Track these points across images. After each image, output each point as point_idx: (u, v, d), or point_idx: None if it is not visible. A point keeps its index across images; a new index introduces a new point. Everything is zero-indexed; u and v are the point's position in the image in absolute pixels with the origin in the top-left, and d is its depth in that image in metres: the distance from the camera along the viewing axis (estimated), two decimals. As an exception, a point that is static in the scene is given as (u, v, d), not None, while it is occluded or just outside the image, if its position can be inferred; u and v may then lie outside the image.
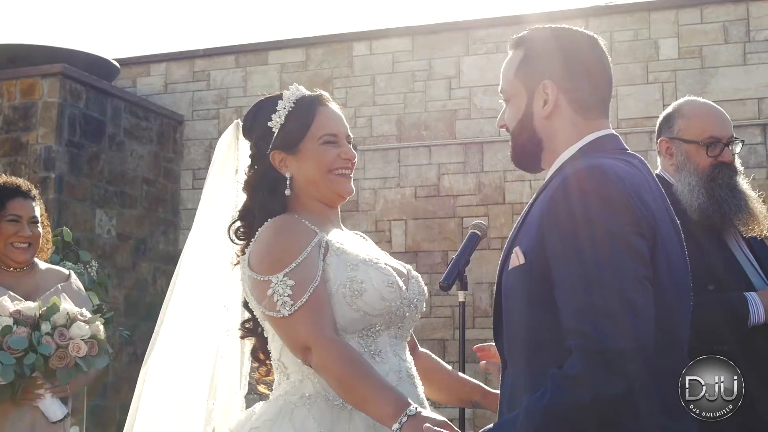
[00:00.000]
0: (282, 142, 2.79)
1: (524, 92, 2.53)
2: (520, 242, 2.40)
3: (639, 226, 2.23)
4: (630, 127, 9.45)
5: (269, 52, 10.97)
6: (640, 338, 2.14)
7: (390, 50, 10.47)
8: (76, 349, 4.04)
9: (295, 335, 2.56)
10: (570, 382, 2.11)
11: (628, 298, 2.15)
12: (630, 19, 9.75)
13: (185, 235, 11.04)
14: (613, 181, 2.24)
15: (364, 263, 2.69)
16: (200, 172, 10.92)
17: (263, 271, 2.62)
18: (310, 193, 2.80)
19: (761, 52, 9.28)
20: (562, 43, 2.55)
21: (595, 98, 2.52)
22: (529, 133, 2.53)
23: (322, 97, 2.88)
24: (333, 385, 2.53)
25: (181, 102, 11.12)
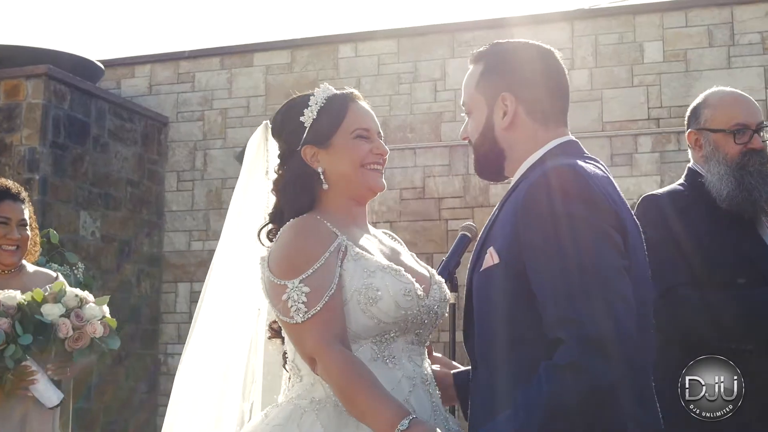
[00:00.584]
0: (314, 137, 2.78)
1: (485, 104, 2.64)
2: (493, 243, 2.46)
3: (614, 220, 2.32)
4: (615, 130, 9.48)
5: (254, 54, 10.94)
6: (629, 326, 2.20)
7: (375, 52, 10.46)
8: (93, 329, 4.07)
9: (303, 343, 2.56)
10: (567, 372, 2.15)
11: (614, 287, 2.23)
12: (615, 23, 9.77)
13: (170, 237, 11.13)
14: (587, 179, 2.35)
15: (382, 270, 2.66)
16: (185, 174, 10.90)
17: (280, 274, 2.60)
18: (340, 189, 2.79)
19: (745, 55, 9.31)
20: (520, 57, 2.66)
21: (553, 108, 2.63)
22: (490, 144, 2.63)
23: (354, 94, 2.88)
24: (337, 395, 2.53)
25: (165, 103, 11.09)
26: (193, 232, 10.77)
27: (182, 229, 10.82)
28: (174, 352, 10.56)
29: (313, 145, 2.78)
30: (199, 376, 3.11)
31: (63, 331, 4.02)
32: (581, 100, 9.52)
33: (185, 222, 10.83)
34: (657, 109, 9.47)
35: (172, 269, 10.77)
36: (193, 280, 10.64)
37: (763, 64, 9.24)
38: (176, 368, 3.19)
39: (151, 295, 10.62)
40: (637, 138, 9.48)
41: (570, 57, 9.71)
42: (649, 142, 9.44)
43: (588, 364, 2.14)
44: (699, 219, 3.39)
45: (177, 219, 10.87)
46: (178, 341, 10.57)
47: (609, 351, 2.15)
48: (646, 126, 9.48)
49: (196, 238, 10.75)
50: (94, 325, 4.10)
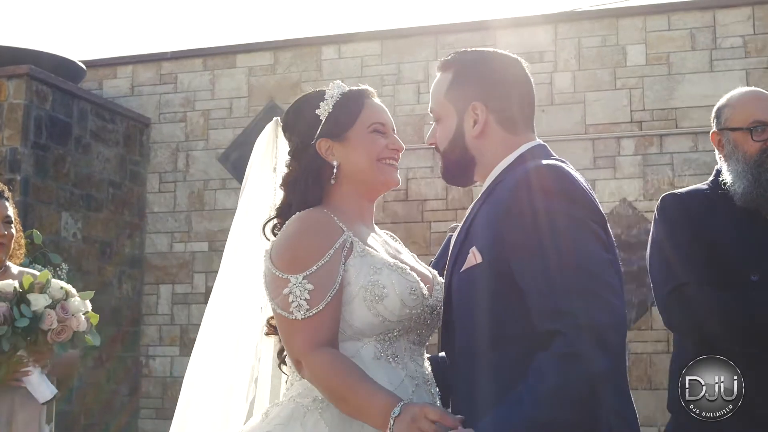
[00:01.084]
0: (329, 130, 2.78)
1: (454, 113, 2.69)
2: (474, 243, 2.49)
3: (596, 216, 2.42)
4: (597, 133, 9.49)
5: (237, 56, 10.92)
6: (621, 316, 2.28)
7: (359, 54, 10.45)
8: (77, 323, 4.04)
9: (293, 341, 2.55)
10: (569, 359, 2.19)
11: (605, 280, 2.30)
12: (598, 26, 9.78)
13: (151, 239, 11.09)
14: (569, 177, 2.42)
15: (388, 267, 2.65)
16: (167, 175, 10.86)
17: (283, 267, 2.58)
18: (354, 183, 2.79)
19: (727, 59, 9.35)
20: (489, 67, 2.70)
21: (521, 116, 2.69)
22: (461, 151, 2.68)
23: (369, 91, 2.89)
24: (327, 396, 2.53)
25: (147, 105, 11.05)
26: (175, 233, 10.74)
27: (164, 230, 10.78)
28: (155, 354, 10.53)
29: (328, 139, 2.78)
30: (206, 376, 3.09)
31: (48, 322, 3.97)
32: (564, 102, 9.53)
33: (167, 223, 10.79)
34: (640, 111, 9.49)
35: (153, 271, 10.73)
36: (174, 282, 10.61)
37: (745, 68, 9.28)
38: (157, 370, 3.18)
39: (133, 296, 10.57)
40: (620, 141, 9.49)
41: (553, 60, 9.73)
42: (632, 145, 9.46)
43: (587, 352, 2.19)
44: (718, 217, 3.43)
45: (159, 220, 10.84)
46: (160, 343, 10.54)
47: (606, 340, 2.21)
48: (629, 129, 9.50)
49: (178, 239, 10.71)
50: (79, 318, 4.07)
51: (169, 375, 10.43)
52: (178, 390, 3.16)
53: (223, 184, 10.65)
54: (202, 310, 2.97)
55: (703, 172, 9.13)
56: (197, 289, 10.53)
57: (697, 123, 9.28)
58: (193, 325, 10.42)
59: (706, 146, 9.21)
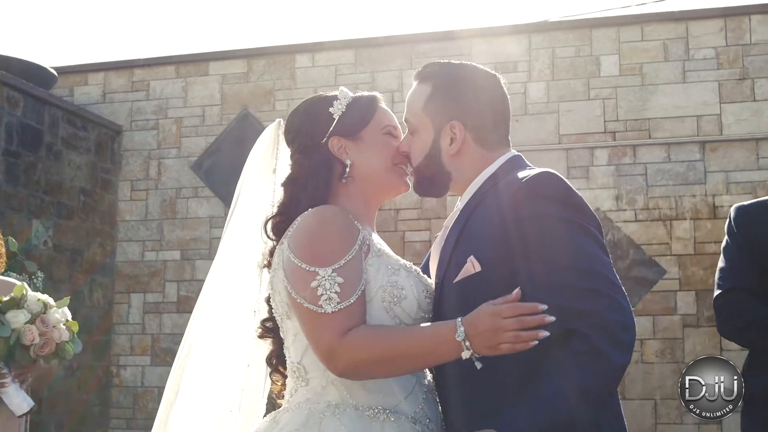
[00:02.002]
0: (342, 128, 2.76)
1: (431, 128, 2.70)
2: (471, 252, 2.49)
3: (595, 222, 2.46)
4: (571, 143, 9.51)
5: (210, 63, 10.86)
6: (630, 314, 2.35)
7: (332, 62, 10.43)
8: (58, 335, 3.98)
9: (323, 336, 2.45)
10: (590, 356, 2.26)
11: (613, 281, 2.38)
12: (572, 36, 9.81)
13: (122, 247, 10.99)
14: (566, 184, 2.46)
15: (405, 269, 2.63)
16: (138, 183, 10.79)
17: (309, 260, 2.50)
18: (365, 184, 2.76)
19: (700, 70, 9.39)
20: (470, 84, 2.72)
21: (498, 133, 2.73)
22: (437, 167, 2.70)
23: (378, 97, 2.88)
24: (382, 370, 2.46)
25: (119, 112, 10.97)
26: (147, 242, 10.66)
27: (135, 239, 10.71)
28: (126, 364, 10.44)
29: (341, 137, 2.76)
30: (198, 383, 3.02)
31: (29, 338, 3.92)
32: (538, 112, 9.54)
33: (138, 232, 10.72)
34: (613, 122, 9.51)
35: (124, 279, 10.65)
36: (146, 291, 10.54)
37: (718, 79, 9.33)
38: (128, 380, 3.13)
39: (103, 305, 10.49)
40: (594, 151, 9.51)
41: (527, 70, 9.75)
42: (606, 155, 9.48)
43: (607, 349, 2.26)
44: None
45: (130, 229, 10.76)
46: (131, 353, 10.46)
47: (620, 338, 2.29)
48: (603, 139, 9.52)
49: (150, 248, 10.64)
50: (60, 329, 4.02)
51: (140, 385, 10.34)
52: (149, 400, 3.11)
53: (196, 192, 10.59)
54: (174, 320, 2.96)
55: (677, 182, 9.17)
56: (169, 298, 10.46)
57: (670, 133, 9.33)
58: (165, 335, 10.35)
59: (679, 156, 9.25)
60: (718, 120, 9.27)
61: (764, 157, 9.10)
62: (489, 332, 2.28)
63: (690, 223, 9.12)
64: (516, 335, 2.26)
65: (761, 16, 9.37)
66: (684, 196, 9.17)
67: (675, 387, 8.91)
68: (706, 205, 9.14)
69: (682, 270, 9.11)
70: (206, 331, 3.05)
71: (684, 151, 9.28)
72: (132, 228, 10.75)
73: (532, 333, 2.26)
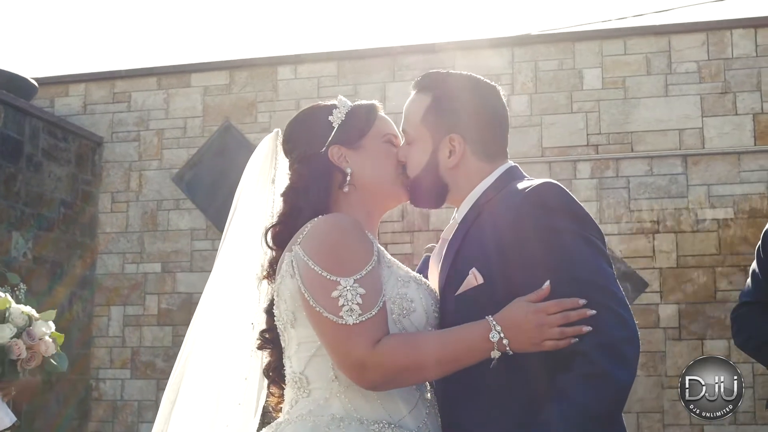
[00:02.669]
0: (342, 137, 2.73)
1: (430, 140, 2.67)
2: (472, 264, 2.47)
3: (598, 233, 2.45)
4: (554, 156, 9.51)
5: (192, 75, 10.82)
6: (635, 329, 2.32)
7: (315, 75, 10.41)
8: (45, 348, 3.93)
9: (350, 348, 2.39)
10: (596, 380, 2.23)
11: (617, 296, 2.35)
12: (554, 49, 9.82)
13: (102, 260, 10.91)
14: (570, 196, 2.45)
15: (416, 281, 2.59)
16: (119, 195, 10.73)
17: (330, 269, 2.44)
18: (366, 192, 2.72)
19: (682, 84, 9.42)
20: (470, 97, 2.70)
21: (496, 146, 2.71)
22: (434, 179, 2.67)
23: (378, 105, 2.84)
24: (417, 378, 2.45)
25: (100, 123, 10.91)
26: (127, 254, 10.60)
27: (116, 251, 10.64)
28: (106, 377, 10.36)
29: (341, 146, 2.72)
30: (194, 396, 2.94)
31: (16, 352, 3.87)
32: (521, 125, 9.54)
33: (119, 244, 10.65)
34: (596, 135, 9.52)
35: (105, 292, 10.57)
36: (126, 304, 10.47)
37: (700, 93, 9.36)
38: (108, 393, 3.07)
39: (83, 318, 10.41)
40: (576, 164, 9.52)
41: (510, 82, 9.74)
42: (588, 168, 9.49)
43: (613, 370, 2.23)
44: None
45: (111, 241, 10.69)
46: (110, 366, 10.38)
47: (625, 354, 2.27)
48: (585, 152, 9.53)
49: (130, 260, 10.57)
50: (46, 342, 3.96)
51: (120, 398, 10.25)
52: (128, 414, 3.06)
53: (177, 204, 10.54)
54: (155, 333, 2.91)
55: (659, 195, 9.19)
56: (149, 311, 10.39)
57: (653, 147, 9.35)
58: (145, 348, 10.28)
59: (661, 170, 9.27)
60: (701, 133, 9.29)
61: (746, 170, 9.12)
62: (534, 329, 2.30)
63: (672, 236, 9.13)
64: (561, 331, 2.28)
65: (743, 31, 9.41)
66: (666, 210, 9.18)
67: (658, 400, 8.91)
68: (688, 219, 9.16)
69: (664, 283, 9.11)
70: (203, 345, 2.98)
71: (666, 165, 9.30)
72: (112, 240, 10.69)
73: (576, 328, 2.28)
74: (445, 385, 2.53)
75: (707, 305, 9.00)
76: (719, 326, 8.88)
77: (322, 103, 2.84)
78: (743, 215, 9.05)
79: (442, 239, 2.74)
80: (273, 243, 2.72)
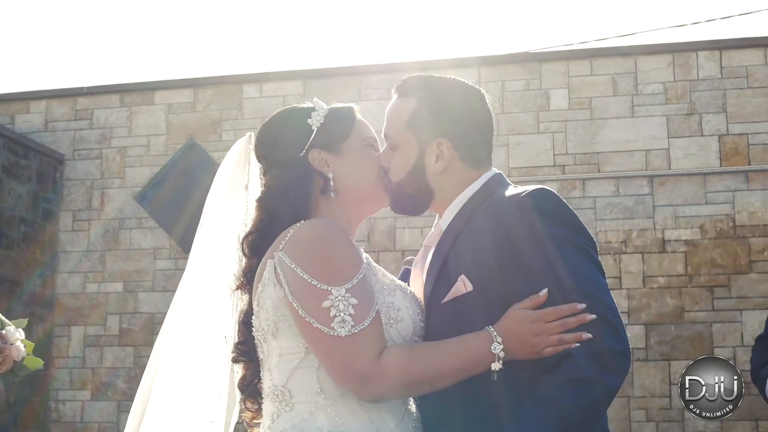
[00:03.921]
0: (323, 141, 2.64)
1: (416, 145, 2.61)
2: (461, 271, 2.43)
3: (591, 242, 2.42)
4: (521, 176, 9.49)
5: (156, 92, 10.73)
6: (626, 338, 2.31)
7: (280, 93, 10.34)
8: (17, 352, 3.86)
9: (351, 360, 2.31)
10: (576, 385, 2.21)
11: (609, 305, 2.32)
12: (521, 70, 9.82)
13: (63, 279, 10.75)
14: (564, 203, 2.43)
15: (401, 290, 2.54)
16: (80, 213, 10.59)
17: (320, 277, 2.35)
18: (349, 198, 2.65)
19: (648, 105, 9.45)
20: (455, 101, 2.65)
21: (485, 151, 2.68)
22: (419, 185, 2.62)
23: (356, 108, 2.78)
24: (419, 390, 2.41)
25: (62, 141, 10.77)
26: (89, 273, 10.45)
27: (77, 270, 10.49)
28: (65, 399, 10.20)
29: (321, 150, 2.64)
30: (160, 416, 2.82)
31: None
32: (487, 145, 9.50)
33: (80, 263, 10.50)
34: (562, 155, 9.52)
35: (65, 312, 10.41)
36: (87, 324, 10.32)
37: (666, 114, 9.40)
38: (67, 415, 2.97)
39: (43, 338, 10.24)
40: (543, 184, 9.44)
41: (476, 102, 9.71)
42: (555, 189, 9.41)
43: (601, 377, 2.22)
44: None
45: (71, 260, 10.54)
46: (70, 387, 10.22)
47: (615, 364, 2.25)
48: (552, 172, 9.53)
49: (91, 279, 10.43)
50: (18, 347, 3.89)
51: (80, 420, 10.10)
52: (89, 436, 2.94)
53: (140, 223, 10.42)
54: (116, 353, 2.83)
55: (625, 216, 9.19)
56: (111, 331, 10.25)
57: (619, 167, 9.36)
58: (106, 369, 10.14)
59: (627, 190, 9.27)
60: (667, 154, 9.32)
61: (712, 191, 9.15)
62: (533, 338, 2.28)
63: (639, 256, 9.12)
64: (560, 338, 2.26)
65: (708, 53, 9.47)
66: (633, 230, 9.18)
67: (624, 422, 8.87)
68: (654, 239, 9.16)
69: (631, 304, 9.10)
70: (171, 361, 2.86)
71: (633, 185, 9.31)
72: (73, 259, 10.54)
73: (575, 335, 2.26)
74: (428, 396, 2.47)
75: (674, 326, 8.99)
76: (686, 347, 8.87)
77: (299, 106, 2.77)
78: (709, 236, 9.06)
79: (424, 246, 2.69)
80: (249, 251, 2.63)
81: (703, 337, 8.91)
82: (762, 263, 8.92)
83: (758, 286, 8.89)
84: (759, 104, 9.26)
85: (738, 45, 9.47)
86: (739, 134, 9.24)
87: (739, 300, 8.90)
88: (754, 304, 8.84)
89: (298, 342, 2.43)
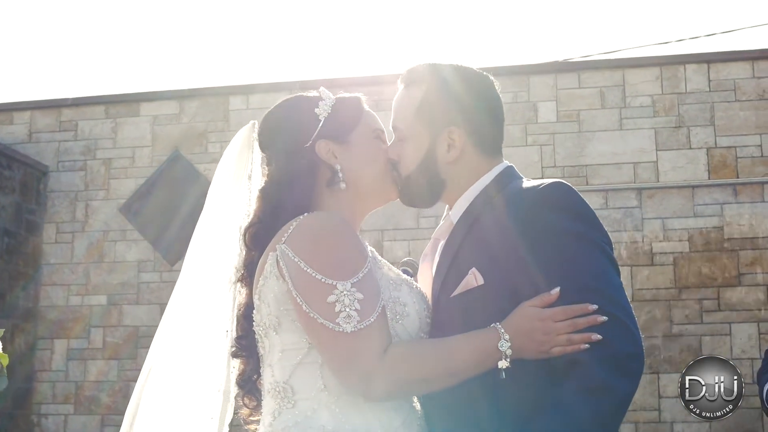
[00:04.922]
0: (330, 131, 2.58)
1: (426, 135, 2.53)
2: (473, 264, 2.37)
3: (607, 238, 2.36)
4: (508, 189, 9.46)
5: (141, 104, 10.66)
6: (640, 340, 2.25)
7: (267, 105, 10.13)
8: None
9: (355, 358, 2.25)
10: (596, 394, 2.15)
11: (623, 305, 2.25)
12: (509, 82, 9.78)
13: (46, 291, 10.65)
14: (582, 198, 2.36)
15: (407, 284, 2.48)
16: (64, 225, 10.51)
17: (325, 271, 2.29)
18: (356, 191, 2.58)
19: (636, 117, 9.45)
20: (465, 86, 2.57)
21: (497, 138, 2.60)
22: (431, 176, 2.54)
23: (363, 99, 2.71)
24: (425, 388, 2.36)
25: (46, 152, 10.69)
26: (72, 286, 10.37)
27: (60, 282, 10.40)
28: (48, 413, 10.11)
29: (328, 140, 2.58)
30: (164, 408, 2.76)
31: None
32: (475, 157, 9.48)
33: (64, 276, 10.41)
34: (551, 168, 9.50)
35: (48, 325, 10.32)
36: (70, 337, 10.22)
37: (654, 127, 9.39)
38: (50, 430, 2.88)
39: (26, 351, 10.16)
40: (531, 197, 9.46)
41: (464, 114, 9.69)
42: (543, 201, 9.44)
43: (615, 383, 2.16)
44: None
45: (55, 272, 10.46)
46: (53, 401, 10.13)
47: (628, 367, 2.19)
48: (540, 185, 9.48)
49: (75, 292, 10.34)
50: None
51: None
52: (72, 451, 2.87)
53: (124, 235, 10.34)
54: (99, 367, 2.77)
55: (614, 228, 9.15)
56: (94, 344, 10.15)
57: (607, 180, 9.34)
58: (90, 382, 10.04)
59: (616, 203, 9.25)
60: (655, 167, 9.30)
61: (700, 204, 9.14)
62: (541, 337, 2.23)
63: (627, 269, 9.09)
64: (568, 338, 2.21)
65: (696, 66, 9.47)
66: (621, 243, 9.15)
67: (612, 436, 8.82)
68: (643, 252, 9.14)
69: (619, 318, 9.05)
70: (169, 356, 2.80)
71: (621, 198, 9.28)
72: (57, 271, 10.46)
73: (584, 336, 2.20)
74: (433, 395, 2.42)
75: (662, 339, 8.96)
76: (674, 360, 8.83)
77: (305, 94, 2.70)
78: (698, 249, 9.04)
79: (434, 239, 2.64)
80: (251, 243, 2.57)
81: (693, 350, 8.88)
82: (750, 276, 8.91)
83: (747, 298, 8.87)
84: (747, 117, 9.26)
85: (726, 58, 9.48)
86: (728, 147, 9.24)
87: (728, 313, 8.87)
88: (743, 317, 8.82)
89: (301, 337, 2.37)
